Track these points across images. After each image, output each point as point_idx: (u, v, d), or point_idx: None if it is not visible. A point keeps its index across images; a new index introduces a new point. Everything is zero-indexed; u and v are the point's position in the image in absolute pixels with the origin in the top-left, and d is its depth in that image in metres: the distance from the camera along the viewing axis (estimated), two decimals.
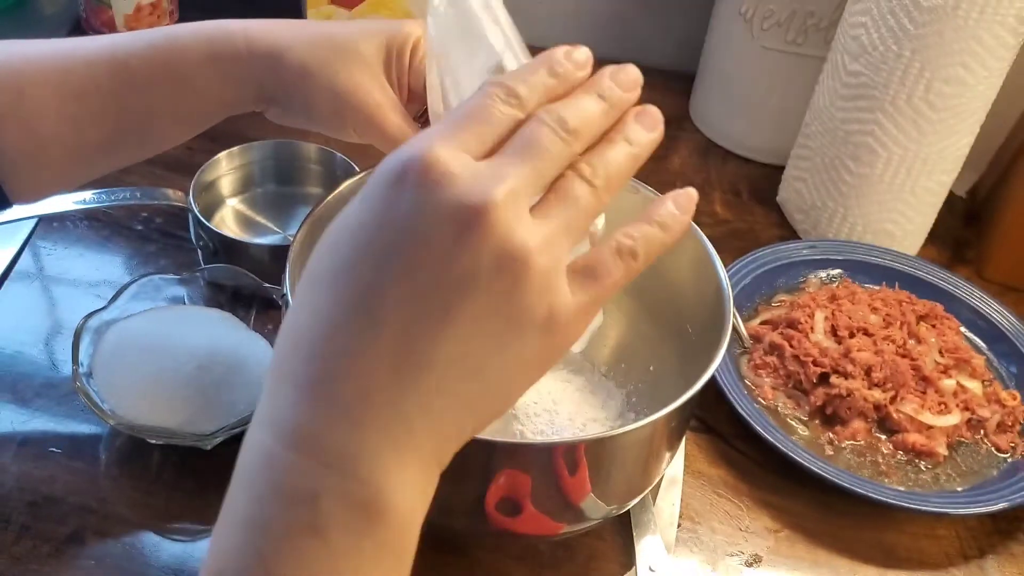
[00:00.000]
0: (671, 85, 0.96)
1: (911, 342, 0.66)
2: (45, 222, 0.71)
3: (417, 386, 0.30)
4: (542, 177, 0.32)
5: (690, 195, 0.35)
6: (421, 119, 0.53)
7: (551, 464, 0.45)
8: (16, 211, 0.65)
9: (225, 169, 0.73)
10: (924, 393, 0.64)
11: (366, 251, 0.30)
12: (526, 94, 0.32)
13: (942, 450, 0.62)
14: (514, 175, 0.30)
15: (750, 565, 0.56)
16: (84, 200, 0.67)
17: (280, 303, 0.56)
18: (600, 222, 0.40)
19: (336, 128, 0.51)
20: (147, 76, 0.49)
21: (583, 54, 0.34)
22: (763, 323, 0.70)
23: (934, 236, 0.80)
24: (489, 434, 0.42)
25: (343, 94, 0.49)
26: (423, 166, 0.30)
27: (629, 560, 0.55)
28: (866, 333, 0.66)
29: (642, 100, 0.34)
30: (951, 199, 0.79)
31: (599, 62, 0.34)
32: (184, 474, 0.56)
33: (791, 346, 0.66)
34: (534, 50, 0.39)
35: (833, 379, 0.64)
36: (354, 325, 0.30)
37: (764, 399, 0.65)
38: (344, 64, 0.49)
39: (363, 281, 0.30)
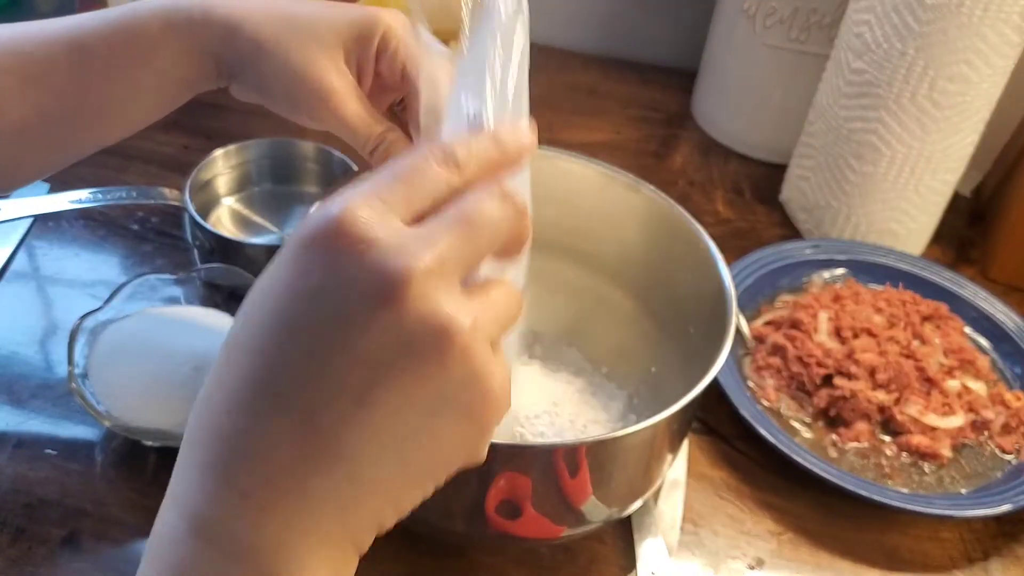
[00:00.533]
0: (673, 82, 0.95)
1: (915, 343, 0.66)
2: (40, 222, 0.71)
3: (327, 472, 0.27)
4: (477, 252, 0.29)
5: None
6: (398, 107, 0.52)
7: (552, 466, 0.45)
8: (11, 210, 0.65)
9: (221, 168, 0.72)
10: (928, 394, 0.63)
11: (275, 323, 0.28)
12: (464, 159, 0.30)
13: (946, 452, 0.62)
14: (444, 244, 0.27)
15: (752, 568, 0.55)
16: (79, 199, 0.66)
17: None
18: None
19: (289, 109, 0.49)
20: (107, 54, 0.48)
21: (527, 133, 0.32)
22: (766, 324, 0.69)
23: (938, 236, 0.79)
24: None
25: (296, 75, 0.47)
26: (339, 228, 0.27)
27: (630, 563, 0.54)
28: (870, 334, 0.65)
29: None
30: (956, 198, 0.78)
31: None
32: None
33: (794, 347, 0.65)
34: (537, 49, 0.39)
35: (837, 380, 0.63)
36: (258, 404, 0.27)
37: (767, 401, 0.64)
38: (300, 44, 0.47)
39: (270, 357, 0.27)
